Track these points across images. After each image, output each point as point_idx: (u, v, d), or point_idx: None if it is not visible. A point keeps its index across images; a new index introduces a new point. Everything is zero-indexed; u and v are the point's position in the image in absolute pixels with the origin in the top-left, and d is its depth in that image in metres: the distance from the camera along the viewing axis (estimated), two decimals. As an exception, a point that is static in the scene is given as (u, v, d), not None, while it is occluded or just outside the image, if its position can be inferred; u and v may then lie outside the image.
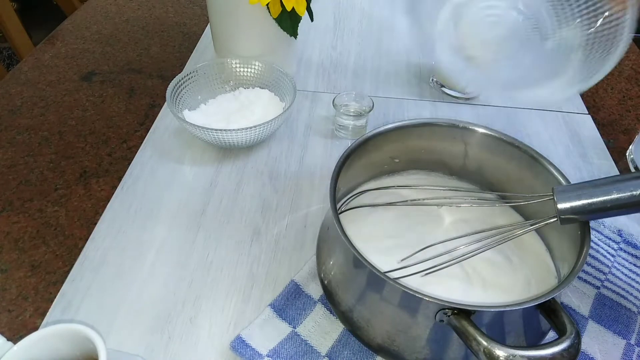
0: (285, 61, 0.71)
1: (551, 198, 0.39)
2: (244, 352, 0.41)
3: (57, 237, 0.52)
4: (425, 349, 0.38)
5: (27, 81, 0.73)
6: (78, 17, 0.88)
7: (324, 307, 0.45)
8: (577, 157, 0.63)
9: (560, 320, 0.34)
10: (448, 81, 0.69)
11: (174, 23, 0.86)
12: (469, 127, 0.48)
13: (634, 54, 0.83)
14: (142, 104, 0.69)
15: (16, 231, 0.53)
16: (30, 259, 0.50)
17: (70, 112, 0.68)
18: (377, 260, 0.42)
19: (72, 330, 0.33)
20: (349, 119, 0.62)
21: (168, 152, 0.61)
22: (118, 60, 0.77)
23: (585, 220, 0.38)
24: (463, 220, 0.48)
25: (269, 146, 0.62)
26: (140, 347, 0.43)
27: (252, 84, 0.66)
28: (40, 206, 0.55)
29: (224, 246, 0.51)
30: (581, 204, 0.37)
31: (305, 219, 0.54)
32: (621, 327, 0.45)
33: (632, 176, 0.36)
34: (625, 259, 0.50)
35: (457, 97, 0.69)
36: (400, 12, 0.90)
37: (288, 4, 0.59)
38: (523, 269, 0.45)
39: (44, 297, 0.47)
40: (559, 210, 0.38)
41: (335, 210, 0.40)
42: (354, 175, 0.49)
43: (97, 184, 0.58)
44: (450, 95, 0.70)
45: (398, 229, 0.47)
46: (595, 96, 0.73)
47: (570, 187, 0.38)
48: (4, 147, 0.62)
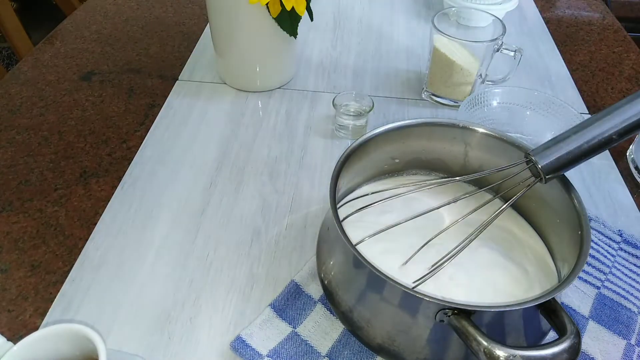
0: (285, 61, 0.71)
1: (526, 160, 0.41)
2: (244, 352, 0.41)
3: (57, 237, 0.52)
4: (426, 349, 0.38)
5: (26, 81, 0.73)
6: (77, 17, 0.88)
7: (324, 307, 0.45)
8: (577, 157, 0.63)
9: (561, 321, 0.34)
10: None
11: (173, 23, 0.86)
12: (469, 127, 0.48)
13: (634, 53, 0.83)
14: (142, 104, 0.69)
15: (16, 231, 0.53)
16: (30, 259, 0.50)
17: (69, 112, 0.68)
18: (377, 260, 0.42)
19: (72, 330, 0.33)
20: (349, 119, 0.62)
21: (168, 152, 0.61)
22: (117, 60, 0.77)
23: (565, 171, 0.40)
24: (464, 220, 0.48)
25: (269, 146, 0.62)
26: (140, 347, 0.43)
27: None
28: (40, 206, 0.55)
29: (224, 246, 0.51)
30: (560, 156, 0.39)
31: (305, 219, 0.54)
32: (621, 327, 0.45)
33: (593, 119, 0.39)
34: (626, 259, 0.50)
35: (451, 105, 0.69)
36: (400, 12, 0.90)
37: (288, 3, 0.59)
38: (523, 269, 0.45)
39: (44, 297, 0.47)
40: (542, 168, 0.40)
41: (336, 210, 0.40)
42: (354, 175, 0.49)
43: (97, 184, 0.58)
44: (443, 104, 0.69)
45: (398, 229, 0.47)
46: (596, 96, 0.73)
47: (542, 147, 0.40)
48: (4, 147, 0.62)
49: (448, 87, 0.68)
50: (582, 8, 0.95)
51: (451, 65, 0.65)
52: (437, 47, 0.65)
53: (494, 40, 0.63)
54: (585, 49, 0.84)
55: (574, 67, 0.79)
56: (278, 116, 0.67)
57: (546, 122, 0.61)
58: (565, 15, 0.93)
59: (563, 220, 0.43)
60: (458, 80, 0.66)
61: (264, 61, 0.69)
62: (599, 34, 0.88)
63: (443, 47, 0.65)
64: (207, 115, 0.67)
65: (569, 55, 0.81)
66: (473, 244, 0.43)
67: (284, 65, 0.71)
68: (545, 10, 0.94)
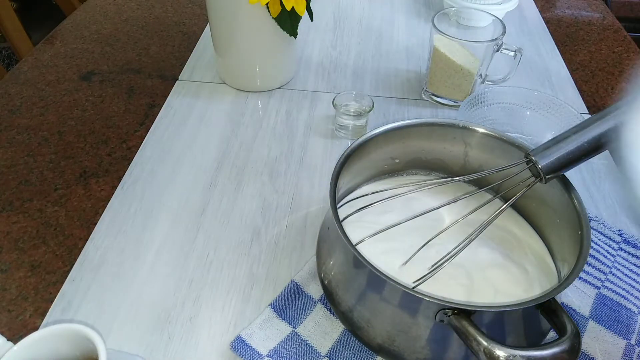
0: (285, 61, 0.71)
1: (526, 160, 0.41)
2: (244, 352, 0.41)
3: (57, 237, 0.52)
4: (426, 349, 0.38)
5: (26, 81, 0.73)
6: (77, 17, 0.88)
7: (324, 307, 0.45)
8: (577, 157, 0.63)
9: (561, 321, 0.34)
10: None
11: (173, 23, 0.86)
12: (469, 127, 0.48)
13: (634, 53, 0.83)
14: (142, 104, 0.69)
15: (16, 231, 0.53)
16: (30, 259, 0.50)
17: (69, 112, 0.67)
18: (377, 260, 0.42)
19: (72, 330, 0.33)
20: (349, 119, 0.62)
21: (168, 152, 0.61)
22: (117, 60, 0.77)
23: (565, 171, 0.40)
24: (464, 220, 0.48)
25: (269, 146, 0.62)
26: (140, 347, 0.43)
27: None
28: (40, 206, 0.55)
29: (224, 246, 0.51)
30: (560, 156, 0.39)
31: (305, 219, 0.54)
32: (621, 327, 0.45)
33: (593, 119, 0.39)
34: (626, 259, 0.50)
35: (451, 105, 0.69)
36: (400, 12, 0.90)
37: (288, 3, 0.59)
38: (523, 269, 0.45)
39: (44, 297, 0.47)
40: (542, 168, 0.40)
41: (336, 210, 0.40)
42: (354, 175, 0.49)
43: (97, 184, 0.58)
44: (443, 104, 0.69)
45: (398, 229, 0.47)
46: (596, 96, 0.73)
47: (542, 147, 0.40)
48: (4, 147, 0.62)
49: (448, 87, 0.68)
50: (582, 8, 0.95)
51: (451, 65, 0.65)
52: (437, 47, 0.65)
53: (494, 40, 0.63)
54: (585, 49, 0.84)
55: (574, 67, 0.79)
56: (278, 116, 0.67)
57: (546, 122, 0.61)
58: (565, 15, 0.93)
59: (563, 220, 0.43)
60: (458, 80, 0.66)
61: (264, 61, 0.69)
62: (599, 34, 0.88)
63: (443, 47, 0.65)
64: (207, 115, 0.67)
65: (569, 55, 0.81)
66: (473, 244, 0.43)
67: (284, 65, 0.71)
68: (545, 10, 0.94)
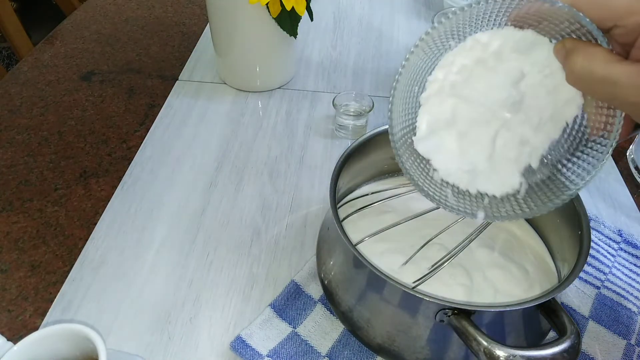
0: (285, 61, 0.71)
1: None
2: (244, 352, 0.41)
3: (57, 237, 0.52)
4: (426, 349, 0.38)
5: (26, 81, 0.73)
6: (77, 17, 0.88)
7: (324, 307, 0.45)
8: (577, 157, 0.63)
9: (561, 321, 0.34)
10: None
11: (173, 23, 0.86)
12: (469, 127, 0.48)
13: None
14: (142, 104, 0.69)
15: (16, 231, 0.53)
16: (30, 259, 0.50)
17: (69, 112, 0.68)
18: (377, 260, 0.42)
19: (72, 330, 0.33)
20: (349, 118, 0.62)
21: (168, 152, 0.61)
22: (117, 60, 0.77)
23: None
24: (464, 220, 0.48)
25: (269, 146, 0.62)
26: (140, 347, 0.43)
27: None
28: (40, 206, 0.55)
29: (224, 246, 0.51)
30: None
31: (305, 219, 0.54)
32: (621, 327, 0.45)
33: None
34: (626, 259, 0.50)
35: None
36: (400, 12, 0.90)
37: (288, 3, 0.59)
38: (523, 269, 0.45)
39: (44, 297, 0.47)
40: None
41: (336, 210, 0.40)
42: (354, 175, 0.49)
43: (97, 184, 0.58)
44: None
45: (398, 228, 0.47)
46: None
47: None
48: (4, 147, 0.62)
49: (448, 87, 0.68)
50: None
51: (451, 65, 0.65)
52: (437, 47, 0.65)
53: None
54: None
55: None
56: (278, 116, 0.67)
57: None
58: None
59: (563, 220, 0.43)
60: (458, 80, 0.66)
61: (264, 61, 0.69)
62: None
63: (443, 47, 0.64)
64: (207, 115, 0.67)
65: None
66: (473, 244, 0.43)
67: (284, 65, 0.71)
68: (545, 10, 0.94)
